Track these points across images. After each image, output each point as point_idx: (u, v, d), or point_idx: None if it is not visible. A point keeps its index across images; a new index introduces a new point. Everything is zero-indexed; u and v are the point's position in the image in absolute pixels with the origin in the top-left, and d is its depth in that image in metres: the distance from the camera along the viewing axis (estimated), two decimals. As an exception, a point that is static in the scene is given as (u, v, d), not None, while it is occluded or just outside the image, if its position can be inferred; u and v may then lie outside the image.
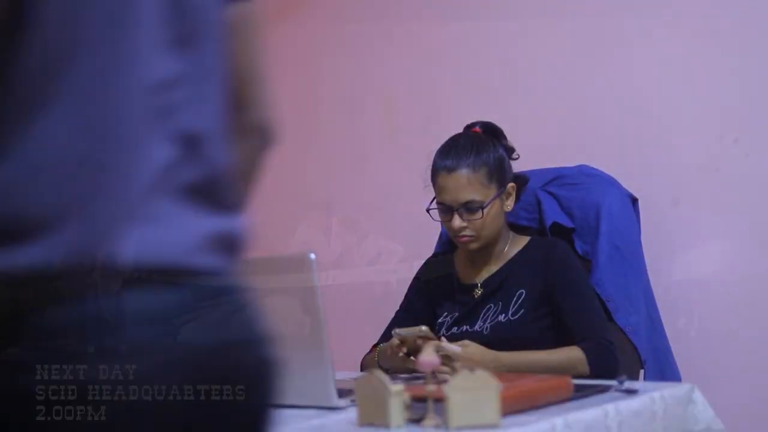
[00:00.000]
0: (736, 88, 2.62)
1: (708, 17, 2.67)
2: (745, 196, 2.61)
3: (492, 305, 2.31)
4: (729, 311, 2.63)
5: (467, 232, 2.28)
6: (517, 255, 2.35)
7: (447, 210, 2.30)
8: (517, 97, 3.01)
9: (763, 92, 2.58)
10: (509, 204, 2.33)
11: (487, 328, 2.29)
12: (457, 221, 2.27)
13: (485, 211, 2.25)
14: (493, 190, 2.28)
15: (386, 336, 2.41)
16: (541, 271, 2.28)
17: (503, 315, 2.28)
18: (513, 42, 3.08)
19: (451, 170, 2.28)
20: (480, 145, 2.32)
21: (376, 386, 1.60)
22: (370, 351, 2.36)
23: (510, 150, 2.38)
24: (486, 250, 2.35)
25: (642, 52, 2.78)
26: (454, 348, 2.06)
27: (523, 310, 2.27)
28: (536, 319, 2.27)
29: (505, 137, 2.39)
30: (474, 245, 2.30)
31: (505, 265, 2.34)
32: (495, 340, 2.17)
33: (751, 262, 2.60)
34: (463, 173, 2.27)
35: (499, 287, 2.32)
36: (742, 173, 2.60)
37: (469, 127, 2.40)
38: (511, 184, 2.33)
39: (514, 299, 2.29)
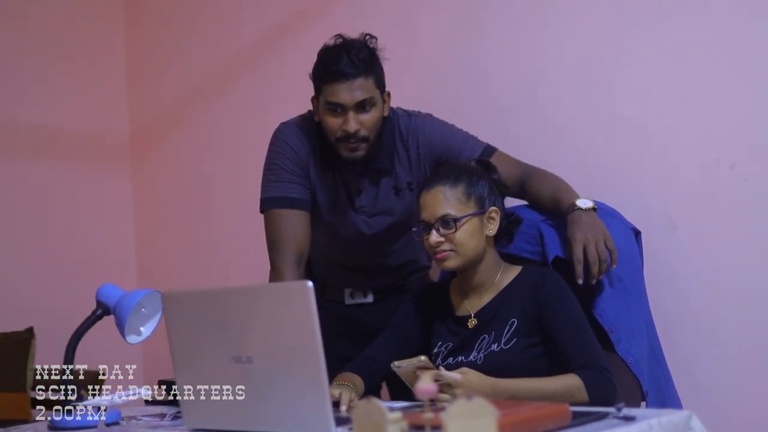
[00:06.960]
0: (733, 113, 2.62)
1: (704, 43, 2.68)
2: (743, 222, 2.60)
3: (486, 336, 2.30)
4: (728, 338, 2.62)
5: (444, 247, 2.30)
6: (509, 285, 2.35)
7: (426, 227, 2.32)
8: (516, 130, 3.01)
9: (759, 117, 2.58)
10: (491, 228, 2.34)
11: (480, 357, 2.28)
12: (433, 236, 2.30)
13: (458, 224, 2.27)
14: (471, 208, 2.30)
15: (371, 352, 2.44)
16: (532, 299, 2.29)
17: (496, 344, 2.28)
18: (509, 74, 3.08)
19: (430, 188, 2.33)
20: (462, 169, 2.37)
21: (374, 414, 1.59)
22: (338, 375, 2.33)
23: (500, 185, 2.42)
24: (476, 278, 2.36)
25: (638, 78, 2.79)
26: (452, 375, 2.05)
27: (515, 339, 2.27)
28: (528, 347, 2.27)
29: (496, 172, 2.43)
30: (451, 263, 2.31)
31: (498, 295, 2.35)
32: (488, 369, 2.16)
33: (751, 287, 2.59)
34: (441, 189, 2.31)
35: (492, 317, 2.32)
36: (740, 198, 2.60)
37: None
38: (493, 209, 2.35)
39: (507, 328, 2.29)
